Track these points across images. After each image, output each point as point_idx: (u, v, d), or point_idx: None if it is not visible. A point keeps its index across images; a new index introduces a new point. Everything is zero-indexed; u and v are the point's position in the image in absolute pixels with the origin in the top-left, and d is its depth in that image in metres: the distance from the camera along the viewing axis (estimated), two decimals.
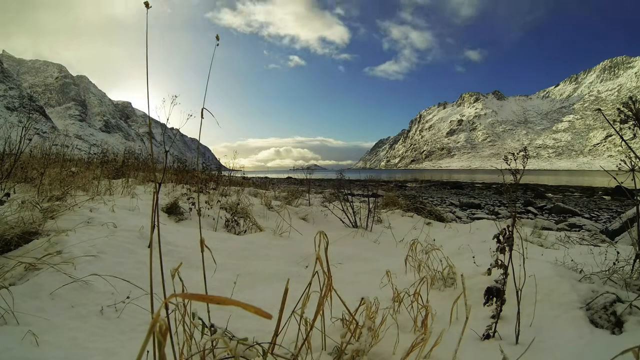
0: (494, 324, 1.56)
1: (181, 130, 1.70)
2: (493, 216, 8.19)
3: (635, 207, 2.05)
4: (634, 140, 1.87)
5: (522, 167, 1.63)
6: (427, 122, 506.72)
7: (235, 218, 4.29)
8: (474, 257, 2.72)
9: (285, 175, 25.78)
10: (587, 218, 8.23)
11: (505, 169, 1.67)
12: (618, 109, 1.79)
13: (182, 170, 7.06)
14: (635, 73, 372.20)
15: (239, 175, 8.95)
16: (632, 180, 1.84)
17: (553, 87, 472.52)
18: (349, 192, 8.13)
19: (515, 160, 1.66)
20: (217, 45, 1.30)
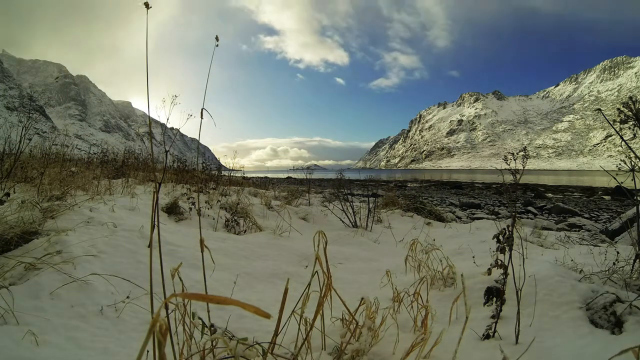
0: (494, 324, 1.56)
1: (181, 130, 1.70)
2: (493, 216, 8.18)
3: (635, 207, 2.05)
4: (634, 140, 1.87)
5: (522, 167, 1.63)
6: (427, 122, 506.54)
7: (235, 218, 4.28)
8: (473, 257, 2.72)
9: (285, 175, 25.81)
10: (587, 218, 8.23)
11: (505, 169, 1.67)
12: (618, 109, 1.79)
13: (182, 170, 7.05)
14: (635, 73, 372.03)
15: (239, 175, 8.95)
16: (632, 180, 1.84)
17: (553, 87, 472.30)
18: (349, 192, 8.13)
19: (515, 160, 1.66)
20: (217, 45, 1.30)
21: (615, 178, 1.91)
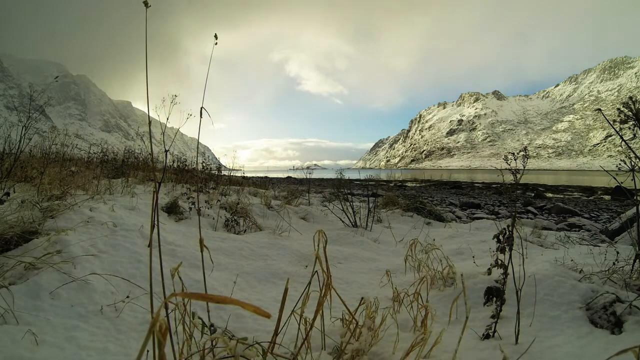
0: (494, 324, 1.56)
1: (181, 130, 1.70)
2: (493, 216, 8.18)
3: (635, 207, 2.05)
4: (634, 140, 1.87)
5: (522, 167, 1.63)
6: (427, 122, 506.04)
7: (235, 217, 4.28)
8: (473, 256, 2.72)
9: (284, 175, 25.82)
10: (587, 218, 8.22)
11: (505, 169, 1.67)
12: (618, 109, 1.79)
13: (182, 169, 7.04)
14: (635, 73, 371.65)
15: (239, 175, 8.94)
16: (632, 180, 1.84)
17: (553, 87, 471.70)
18: (349, 191, 8.12)
19: (515, 160, 1.66)
20: (216, 44, 1.30)
21: (615, 178, 1.91)
